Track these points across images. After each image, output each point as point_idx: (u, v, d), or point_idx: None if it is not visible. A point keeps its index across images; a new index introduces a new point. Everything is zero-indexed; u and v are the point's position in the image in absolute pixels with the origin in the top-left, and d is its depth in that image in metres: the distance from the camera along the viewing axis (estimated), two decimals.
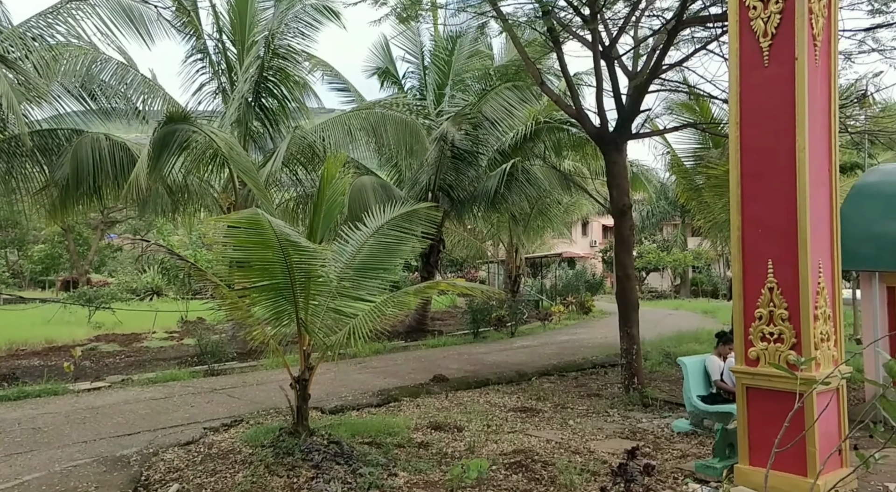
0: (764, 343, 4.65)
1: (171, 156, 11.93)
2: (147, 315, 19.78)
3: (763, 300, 4.66)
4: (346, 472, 5.12)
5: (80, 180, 11.15)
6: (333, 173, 5.96)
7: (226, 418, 7.27)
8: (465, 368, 10.58)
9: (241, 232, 5.23)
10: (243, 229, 5.17)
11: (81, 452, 6.00)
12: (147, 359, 12.80)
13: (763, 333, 4.66)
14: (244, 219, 5.04)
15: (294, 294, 5.48)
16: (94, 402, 8.27)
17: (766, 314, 4.64)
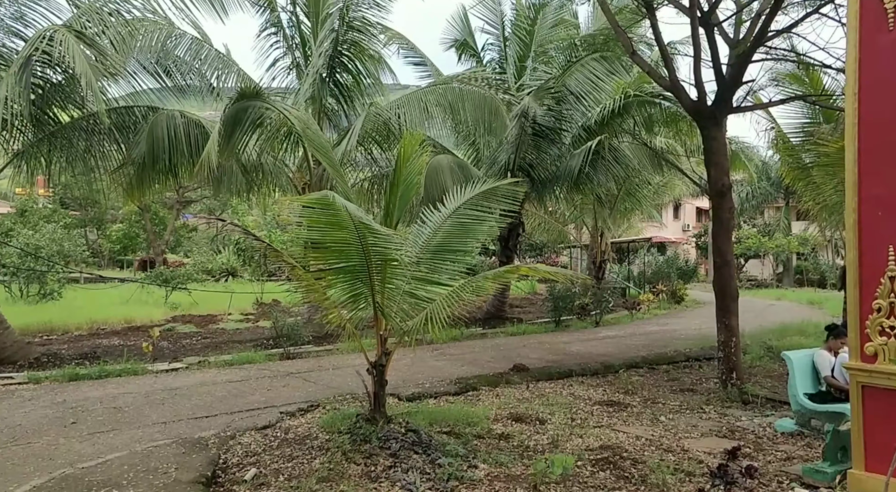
0: (883, 338, 4.35)
1: (244, 134, 12.34)
2: (222, 296, 20.66)
3: (882, 290, 4.35)
4: (425, 462, 5.17)
5: (156, 158, 11.67)
6: (410, 152, 5.96)
7: (302, 403, 7.49)
8: (546, 357, 10.49)
9: (316, 213, 5.32)
10: (318, 210, 5.25)
11: (161, 432, 6.32)
12: (223, 341, 13.36)
13: (882, 327, 4.35)
14: (318, 200, 5.11)
15: (370, 277, 5.54)
16: (173, 383, 8.70)
17: (886, 306, 4.33)
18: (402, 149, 5.91)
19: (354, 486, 4.82)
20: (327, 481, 4.93)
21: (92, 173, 12.24)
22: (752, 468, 4.46)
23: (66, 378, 8.95)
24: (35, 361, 10.37)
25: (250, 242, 23.73)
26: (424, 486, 4.76)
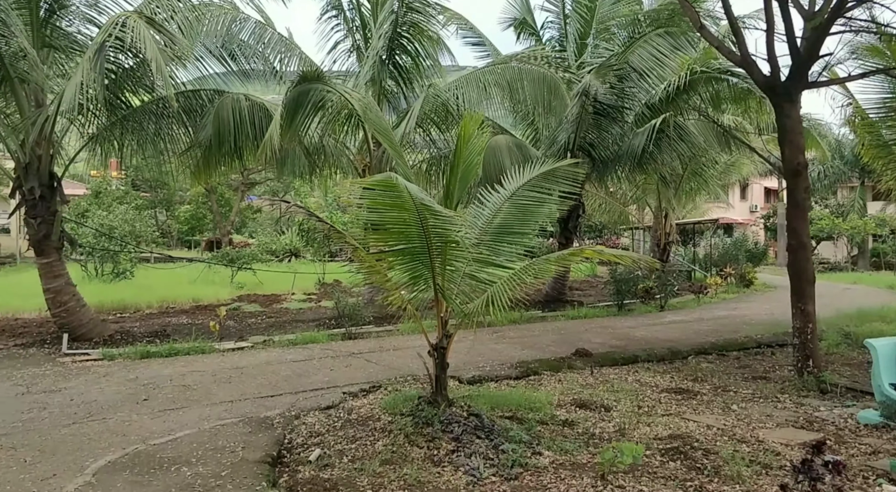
0: None
1: (306, 116, 12.40)
2: (285, 277, 21.04)
3: None
4: (488, 447, 5.07)
5: (222, 141, 11.83)
6: (470, 133, 5.80)
7: (364, 384, 7.50)
8: (609, 342, 10.22)
9: (378, 195, 5.23)
10: (379, 192, 5.16)
11: (228, 411, 6.42)
12: (287, 320, 13.58)
13: None
14: (380, 181, 5.02)
15: (430, 259, 5.44)
16: (239, 362, 8.85)
17: None
18: (463, 129, 5.76)
19: (417, 469, 4.76)
20: (390, 464, 4.89)
21: (161, 156, 12.53)
22: (840, 464, 4.16)
23: (138, 356, 9.23)
24: (109, 338, 10.75)
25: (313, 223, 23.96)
26: (488, 472, 4.65)
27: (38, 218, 10.41)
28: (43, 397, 6.82)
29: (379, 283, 5.92)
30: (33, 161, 10.36)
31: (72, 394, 6.97)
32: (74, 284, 11.02)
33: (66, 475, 4.60)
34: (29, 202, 10.43)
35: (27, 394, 6.96)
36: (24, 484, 4.44)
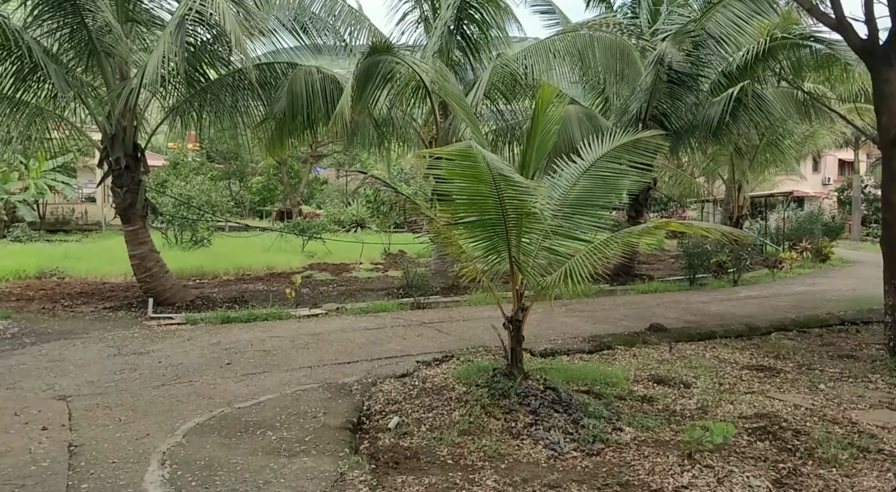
0: None
1: (376, 89, 12.32)
2: (352, 246, 21.32)
3: None
4: (566, 421, 4.94)
5: (296, 113, 11.89)
6: (548, 101, 5.56)
7: (436, 353, 7.47)
8: (683, 317, 9.88)
9: (456, 165, 5.09)
10: (457, 163, 5.02)
11: (307, 376, 6.49)
12: (356, 289, 13.73)
13: None
14: (458, 151, 4.86)
15: (507, 231, 5.29)
16: (315, 328, 8.97)
17: None
18: (540, 98, 5.53)
19: (496, 441, 4.68)
20: (468, 435, 4.83)
21: (237, 129, 12.73)
22: None
23: (219, 321, 9.47)
24: (191, 303, 11.08)
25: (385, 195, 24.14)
26: (569, 446, 4.53)
27: (124, 187, 10.75)
28: (133, 359, 7.06)
29: (454, 254, 5.81)
30: (119, 132, 10.66)
31: (159, 356, 7.19)
32: (157, 250, 11.37)
33: (159, 435, 4.73)
34: (115, 172, 10.76)
35: (118, 355, 7.22)
36: (121, 443, 4.58)
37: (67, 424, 4.96)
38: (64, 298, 11.84)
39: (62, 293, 12.43)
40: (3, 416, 5.12)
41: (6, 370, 6.50)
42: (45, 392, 5.81)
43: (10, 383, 6.07)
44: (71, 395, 5.74)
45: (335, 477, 3.99)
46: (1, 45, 9.55)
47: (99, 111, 10.65)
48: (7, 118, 10.52)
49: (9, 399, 5.56)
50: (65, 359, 7.00)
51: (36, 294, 12.34)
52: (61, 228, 27.88)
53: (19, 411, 5.25)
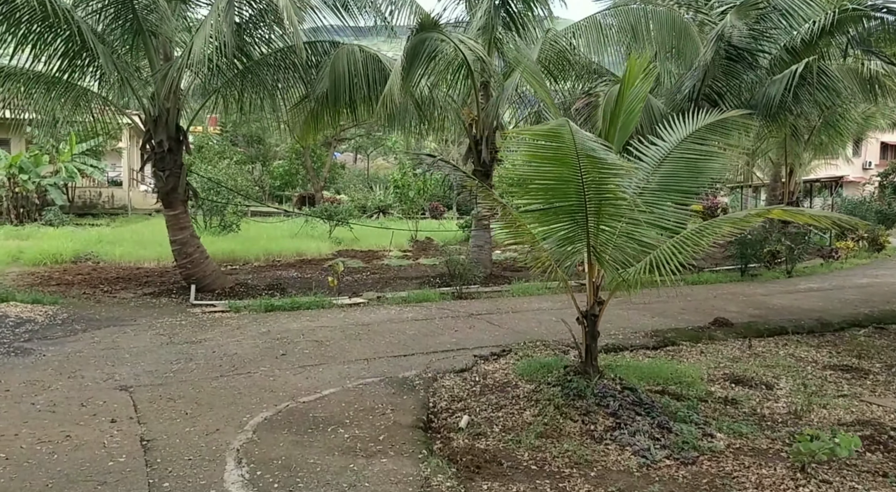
0: None
1: (421, 67, 12.14)
2: (377, 232, 21.40)
3: None
4: (651, 425, 4.80)
5: (338, 94, 11.77)
6: (635, 77, 5.37)
7: (492, 347, 7.36)
8: (746, 311, 9.63)
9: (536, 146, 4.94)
10: (539, 143, 4.86)
11: (366, 370, 6.42)
12: (391, 277, 13.70)
13: None
14: (546, 131, 4.68)
15: (586, 218, 5.12)
16: (361, 318, 8.91)
17: None
18: (628, 73, 5.34)
19: (578, 445, 4.56)
20: (546, 437, 4.71)
21: (275, 111, 12.67)
22: None
23: (263, 309, 9.46)
24: (230, 289, 11.11)
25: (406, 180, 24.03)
26: (660, 454, 4.39)
27: (167, 171, 10.75)
28: (186, 348, 7.05)
29: (527, 243, 5.67)
30: (162, 114, 10.65)
31: (212, 346, 7.18)
32: (198, 236, 11.39)
33: (228, 431, 4.69)
34: (158, 155, 10.76)
35: (171, 344, 7.23)
36: (191, 437, 4.54)
37: (135, 416, 4.95)
38: (102, 283, 11.95)
39: (100, 278, 12.56)
40: (71, 406, 5.12)
41: (64, 358, 6.53)
42: (105, 382, 5.81)
43: (71, 371, 6.09)
44: (132, 385, 5.74)
45: (420, 481, 3.91)
46: (50, 26, 9.55)
47: (143, 93, 10.62)
48: (53, 101, 10.55)
49: (72, 389, 5.58)
50: (119, 347, 7.02)
51: (74, 279, 12.48)
52: (88, 211, 28.28)
53: (85, 401, 5.25)
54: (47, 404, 5.16)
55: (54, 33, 9.80)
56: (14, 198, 23.86)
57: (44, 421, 4.79)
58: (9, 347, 6.89)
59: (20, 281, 12.07)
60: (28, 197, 24.34)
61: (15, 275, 12.82)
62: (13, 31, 9.55)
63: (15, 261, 14.45)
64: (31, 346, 6.99)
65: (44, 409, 5.06)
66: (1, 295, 9.24)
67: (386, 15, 13.37)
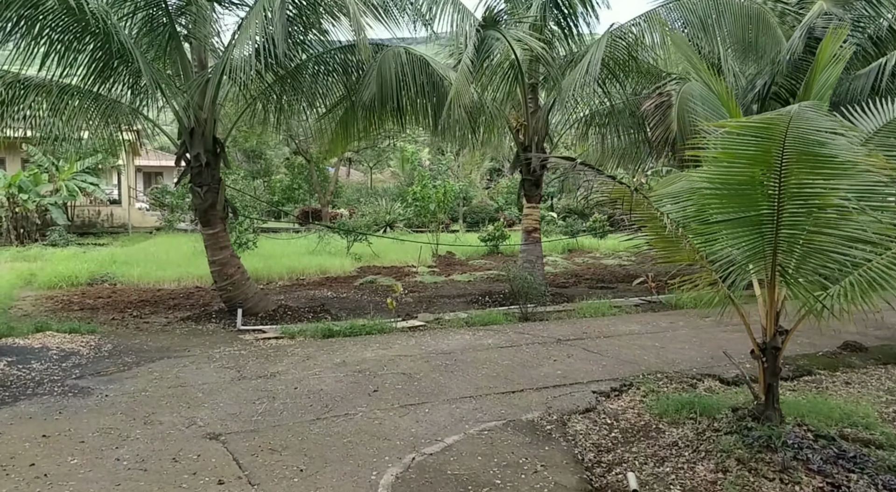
0: None
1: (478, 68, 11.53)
2: (394, 247, 20.84)
3: None
4: (875, 487, 4.08)
5: (385, 99, 11.17)
6: (831, 54, 4.73)
7: (607, 380, 6.66)
8: (867, 332, 8.92)
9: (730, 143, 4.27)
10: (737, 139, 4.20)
11: (478, 410, 5.71)
12: (431, 296, 13.05)
13: None
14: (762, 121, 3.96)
15: (776, 230, 4.45)
16: (438, 345, 8.19)
17: None
18: (821, 54, 4.70)
19: None
20: None
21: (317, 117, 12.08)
22: None
23: (321, 334, 8.77)
24: (273, 312, 10.42)
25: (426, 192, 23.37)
26: None
27: (204, 186, 10.08)
28: (262, 384, 6.33)
29: (686, 261, 4.99)
30: (198, 126, 9.99)
31: (290, 381, 6.46)
32: (238, 256, 10.70)
33: None
34: (194, 169, 10.09)
35: (242, 379, 6.50)
36: None
37: (242, 475, 4.23)
38: (128, 306, 11.28)
39: (123, 301, 11.87)
40: (162, 462, 4.40)
41: (131, 399, 5.80)
42: (188, 429, 5.08)
43: (144, 416, 5.36)
44: (220, 432, 5.01)
45: None
46: (83, 30, 8.90)
47: (177, 102, 9.95)
48: (82, 113, 9.88)
49: (155, 438, 4.85)
50: (187, 384, 6.29)
51: (96, 303, 11.78)
52: (88, 230, 27.66)
53: (176, 455, 4.52)
54: (135, 460, 4.43)
55: (86, 39, 9.16)
56: (14, 218, 23.21)
57: (139, 483, 4.07)
58: (63, 386, 6.16)
59: (39, 306, 11.38)
60: (28, 217, 23.71)
61: (32, 299, 12.11)
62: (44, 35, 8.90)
63: (28, 284, 13.76)
64: (87, 384, 6.25)
65: (132, 466, 4.33)
66: (37, 325, 8.51)
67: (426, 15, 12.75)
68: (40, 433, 4.92)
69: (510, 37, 11.36)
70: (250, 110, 11.10)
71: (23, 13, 8.48)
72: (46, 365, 6.89)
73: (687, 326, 9.65)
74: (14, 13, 8.44)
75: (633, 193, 4.79)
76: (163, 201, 32.24)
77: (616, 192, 4.96)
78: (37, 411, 5.44)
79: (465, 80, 9.57)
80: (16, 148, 26.15)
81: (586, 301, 11.64)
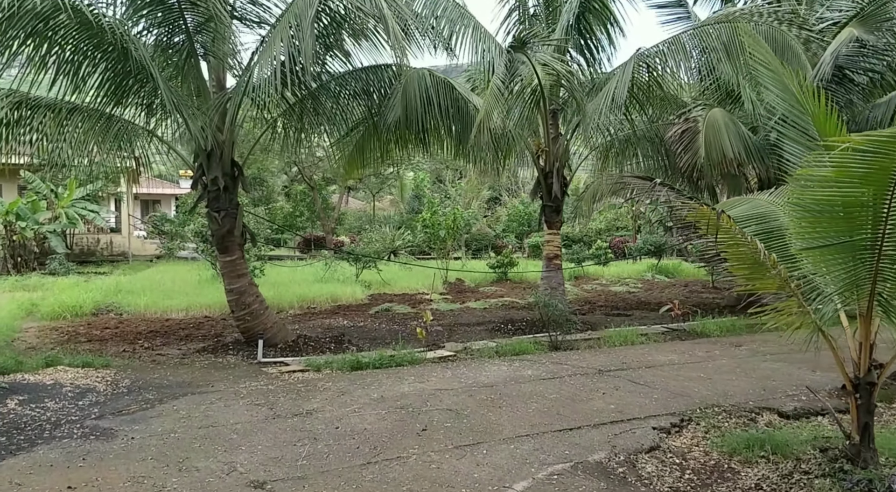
0: None
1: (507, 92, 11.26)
2: (402, 274, 20.51)
3: None
4: None
5: (410, 122, 10.87)
6: None
7: (663, 416, 6.24)
8: None
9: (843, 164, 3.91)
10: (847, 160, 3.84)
11: (539, 450, 5.27)
12: (450, 323, 12.67)
13: None
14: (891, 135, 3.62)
15: (878, 257, 4.09)
16: (477, 377, 7.75)
17: None
18: None
19: None
20: None
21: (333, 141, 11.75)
22: None
23: (349, 367, 8.33)
24: (293, 343, 9.99)
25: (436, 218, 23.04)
26: None
27: (222, 211, 9.69)
28: (299, 423, 5.87)
29: (771, 288, 4.61)
30: (216, 148, 9.63)
31: (328, 419, 6.00)
32: (256, 284, 10.26)
33: None
34: (212, 194, 9.71)
35: (277, 418, 6.03)
36: None
37: None
38: (138, 337, 10.83)
39: (132, 332, 11.42)
40: None
41: (160, 442, 5.32)
42: (229, 476, 4.62)
43: (178, 461, 4.89)
44: (265, 480, 4.56)
45: None
46: (95, 47, 8.56)
47: (193, 124, 9.59)
48: (93, 135, 9.48)
49: (194, 488, 4.38)
50: (217, 424, 5.82)
51: (103, 333, 11.31)
52: (87, 259, 27.20)
53: None
54: None
55: (99, 56, 8.82)
56: (11, 246, 22.69)
57: None
58: (83, 428, 5.68)
59: (44, 337, 10.89)
60: (26, 245, 23.20)
61: (36, 330, 11.62)
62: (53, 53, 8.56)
63: (30, 314, 13.28)
64: (109, 424, 5.78)
65: None
66: (47, 359, 8.00)
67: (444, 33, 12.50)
68: (64, 484, 4.45)
69: (535, 60, 11.11)
70: (269, 132, 10.75)
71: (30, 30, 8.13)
72: (62, 403, 6.41)
73: (724, 356, 9.25)
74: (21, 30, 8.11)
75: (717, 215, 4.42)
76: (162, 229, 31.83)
77: (698, 214, 4.59)
78: (57, 457, 4.97)
79: (495, 101, 9.25)
80: (13, 175, 25.77)
81: (613, 329, 11.29)
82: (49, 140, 9.61)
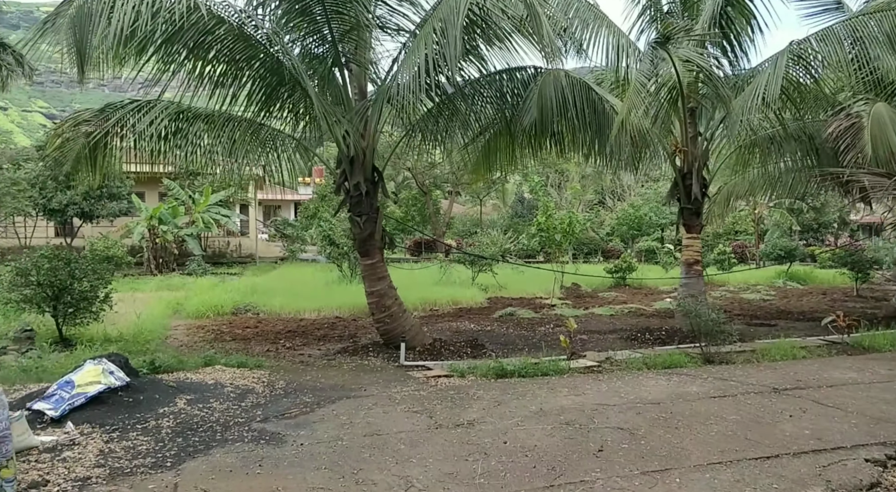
0: None
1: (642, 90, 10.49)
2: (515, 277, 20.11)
3: None
4: None
5: (545, 124, 10.36)
6: None
7: (871, 445, 5.35)
8: None
9: None
10: None
11: (741, 482, 4.55)
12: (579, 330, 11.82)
13: None
14: None
15: None
16: (636, 392, 7.04)
17: None
18: None
19: None
20: None
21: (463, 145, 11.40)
22: None
23: (493, 374, 7.88)
24: (430, 346, 9.70)
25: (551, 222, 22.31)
26: None
27: (364, 216, 9.51)
28: (463, 435, 5.42)
29: None
30: (358, 154, 9.44)
31: (492, 431, 5.52)
32: (395, 286, 10.01)
33: None
34: (354, 199, 9.56)
35: (440, 428, 5.61)
36: None
37: None
38: (277, 337, 10.92)
39: (271, 332, 11.52)
40: None
41: (329, 450, 5.00)
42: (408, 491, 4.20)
43: (352, 473, 4.53)
44: None
45: None
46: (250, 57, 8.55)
47: (338, 131, 9.42)
48: (244, 144, 9.54)
49: None
50: (381, 431, 5.46)
51: (245, 332, 11.46)
52: (219, 260, 28.40)
53: None
54: None
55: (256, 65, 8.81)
56: (154, 248, 23.91)
57: None
58: (251, 431, 5.48)
59: (192, 335, 11.13)
60: (167, 247, 24.40)
61: (184, 328, 11.91)
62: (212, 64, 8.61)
63: (176, 313, 13.73)
64: (275, 428, 5.54)
65: None
66: (205, 359, 8.02)
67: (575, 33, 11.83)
68: None
69: (677, 56, 10.30)
70: (407, 138, 10.51)
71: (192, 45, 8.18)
72: (226, 404, 6.26)
73: (870, 372, 8.15)
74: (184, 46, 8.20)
75: None
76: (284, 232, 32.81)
77: None
78: (234, 462, 4.73)
79: (638, 98, 8.54)
80: (154, 182, 27.21)
81: (767, 341, 10.31)
82: (203, 151, 9.75)
